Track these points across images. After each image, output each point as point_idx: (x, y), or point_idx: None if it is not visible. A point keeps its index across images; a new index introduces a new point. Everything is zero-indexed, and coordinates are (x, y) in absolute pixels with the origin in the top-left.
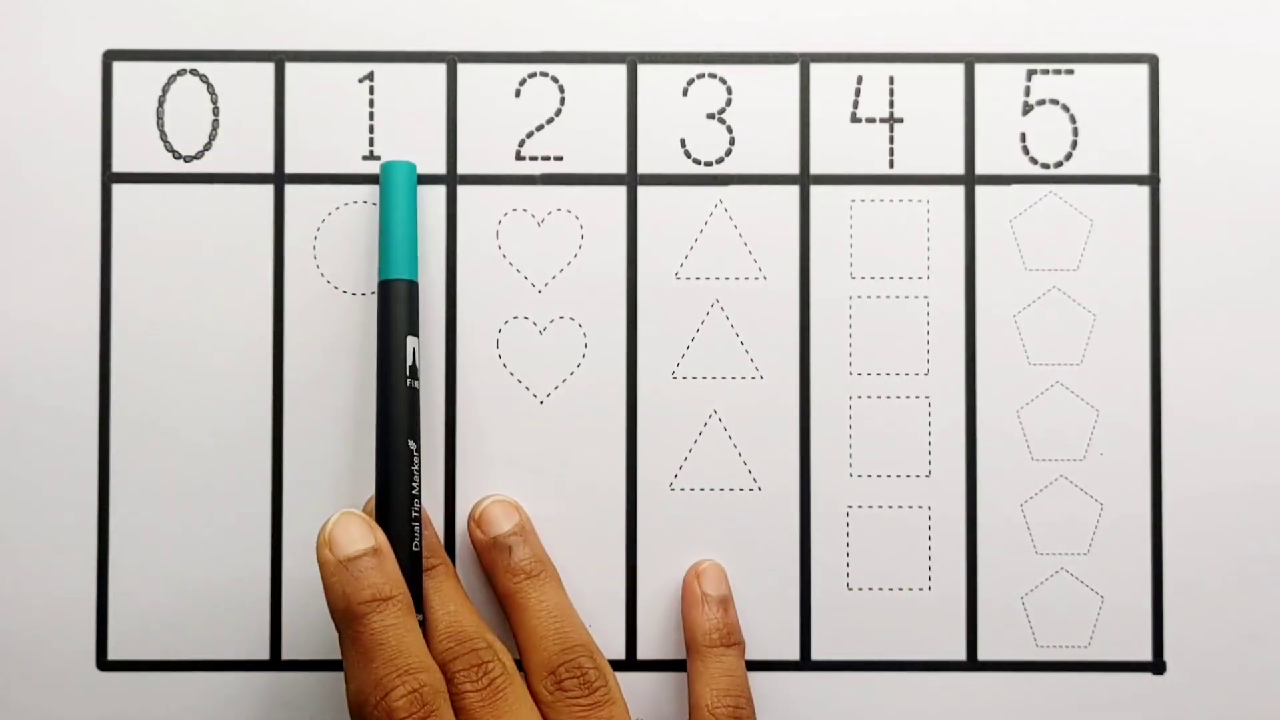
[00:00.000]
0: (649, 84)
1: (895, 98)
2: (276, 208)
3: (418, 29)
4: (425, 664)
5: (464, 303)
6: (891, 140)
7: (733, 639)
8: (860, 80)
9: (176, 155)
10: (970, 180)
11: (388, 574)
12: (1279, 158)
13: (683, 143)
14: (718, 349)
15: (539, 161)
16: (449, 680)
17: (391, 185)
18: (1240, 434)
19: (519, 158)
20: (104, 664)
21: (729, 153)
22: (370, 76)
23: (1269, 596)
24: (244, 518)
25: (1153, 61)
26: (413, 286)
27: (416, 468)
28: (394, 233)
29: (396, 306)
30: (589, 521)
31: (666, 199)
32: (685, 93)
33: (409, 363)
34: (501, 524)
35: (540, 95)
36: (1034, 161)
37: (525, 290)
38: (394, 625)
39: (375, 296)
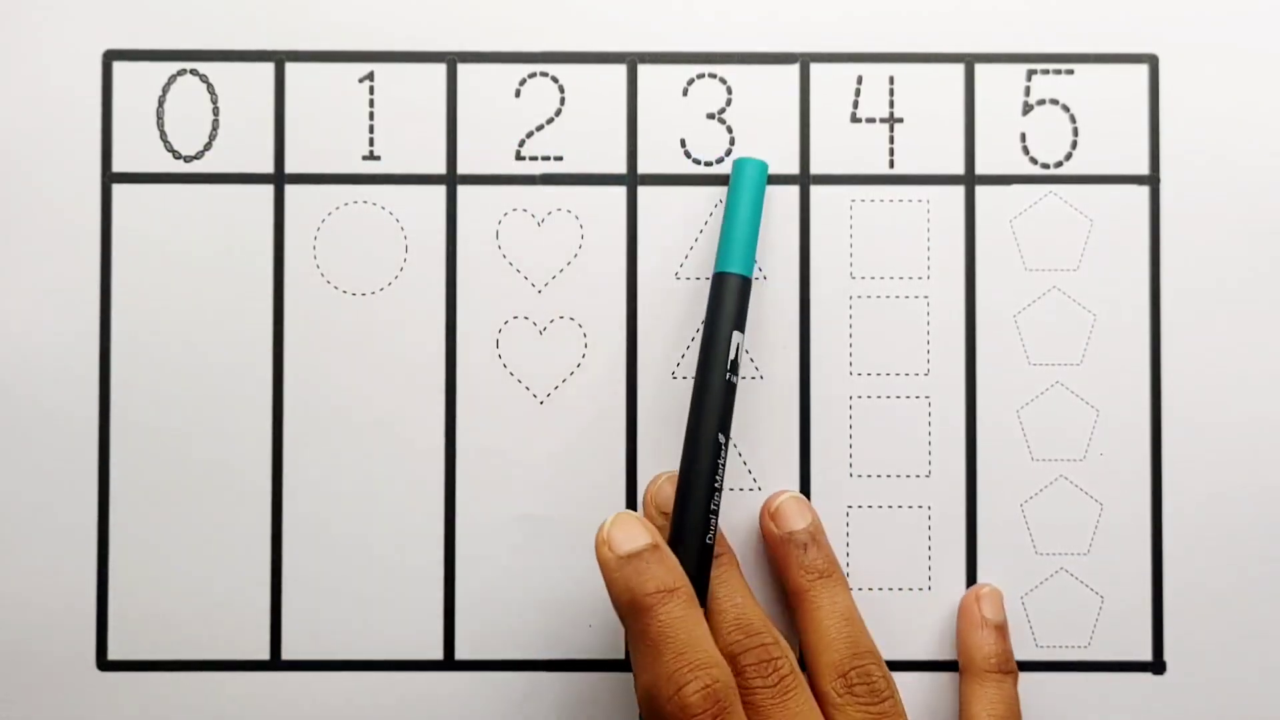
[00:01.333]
0: (649, 84)
1: (895, 98)
2: (276, 208)
3: (418, 29)
4: (715, 659)
5: (464, 303)
6: (891, 140)
7: (1009, 666)
8: (860, 80)
9: (176, 155)
10: (970, 180)
11: (670, 567)
12: (1279, 158)
13: (683, 143)
14: None
15: (539, 161)
16: (736, 674)
17: (741, 181)
18: (1240, 434)
19: (519, 158)
20: (104, 664)
21: (729, 153)
22: (370, 76)
23: (1269, 597)
24: (244, 518)
25: (1153, 61)
26: (746, 283)
27: (723, 461)
28: (737, 227)
29: (728, 299)
30: (589, 521)
31: (666, 199)
32: (685, 93)
33: (731, 356)
34: (796, 520)
35: (540, 95)
36: (1034, 161)
37: (525, 290)
38: (681, 617)
39: (384, 295)
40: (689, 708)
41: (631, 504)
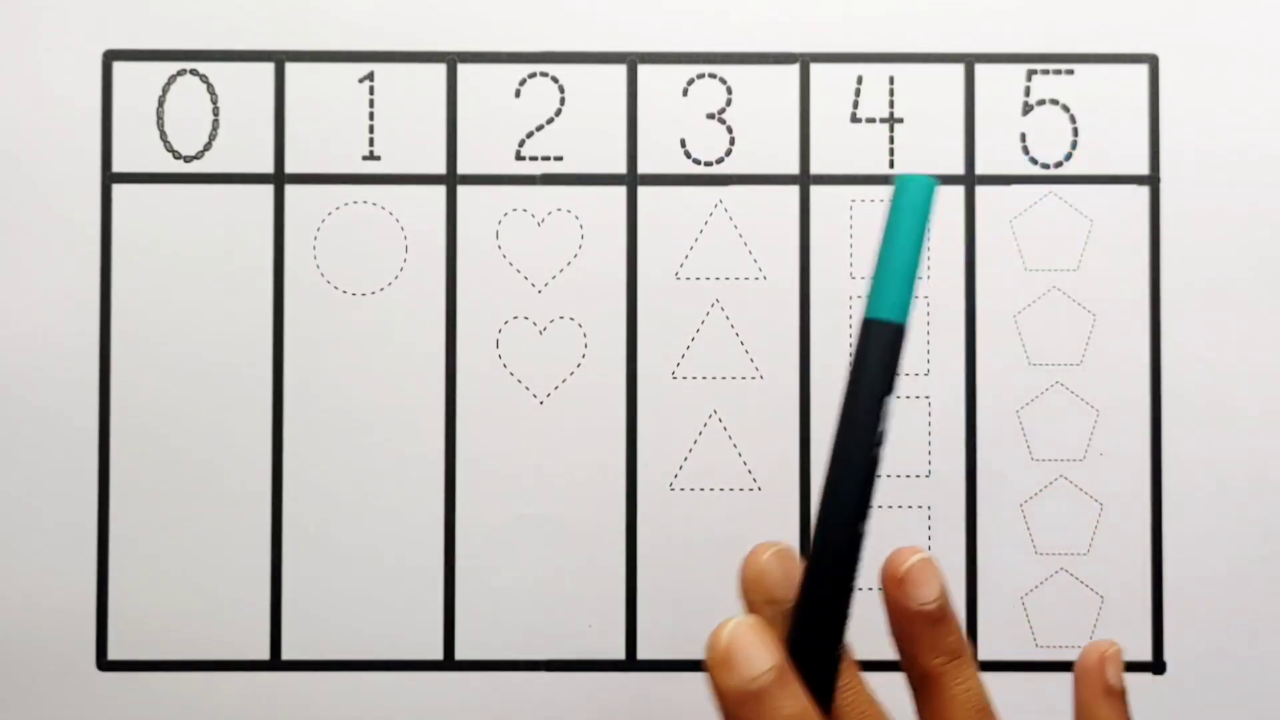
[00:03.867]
0: (649, 84)
1: (895, 98)
2: (276, 208)
3: (418, 29)
4: None
5: (464, 303)
6: (891, 140)
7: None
8: (860, 80)
9: (176, 155)
10: (970, 180)
11: (796, 697)
12: (1278, 158)
13: (683, 143)
14: (718, 349)
15: (539, 161)
16: None
17: (903, 204)
18: (1240, 434)
19: (519, 158)
20: (104, 664)
21: (729, 153)
22: (370, 76)
23: (1269, 596)
24: (244, 518)
25: (1153, 61)
26: (899, 333)
27: (860, 554)
28: (894, 262)
29: (874, 354)
30: (589, 521)
31: (666, 199)
32: (685, 93)
33: (880, 427)
34: (928, 590)
35: (540, 95)
36: (1034, 161)
37: (525, 290)
38: None
39: (384, 295)
40: None
41: (632, 503)
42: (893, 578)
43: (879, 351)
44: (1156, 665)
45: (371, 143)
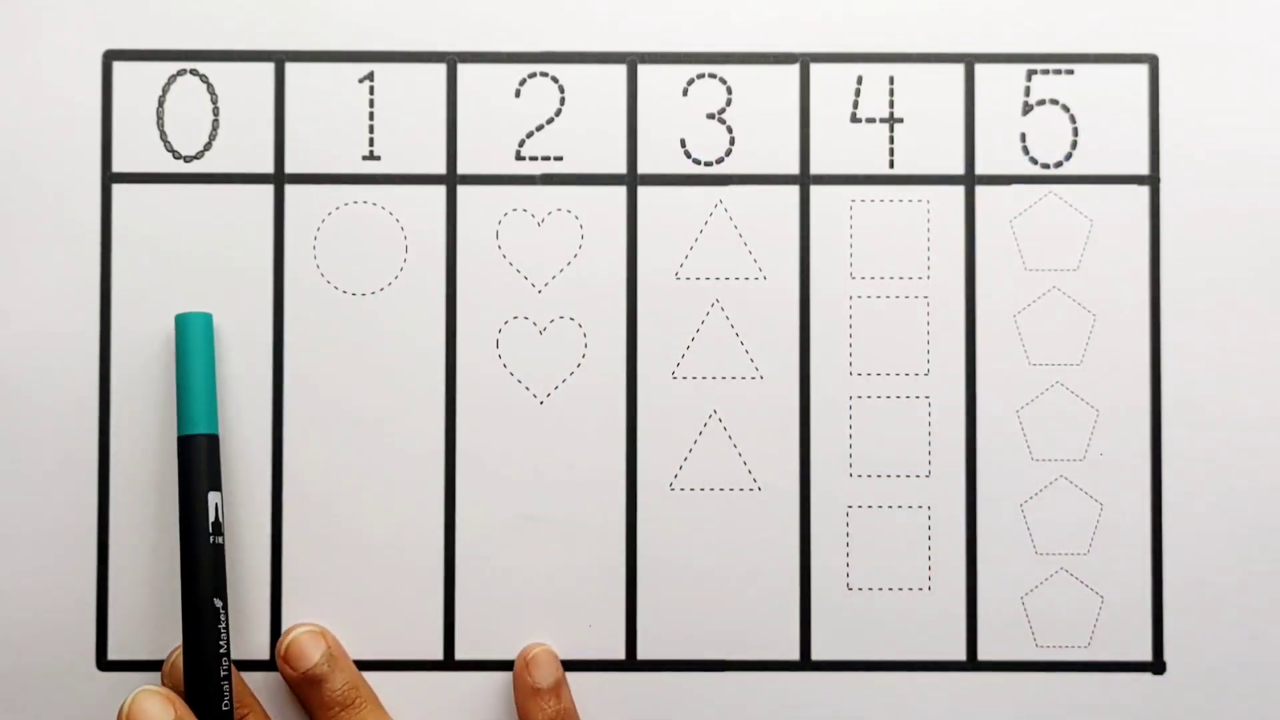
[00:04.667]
0: (649, 84)
1: (895, 98)
2: (276, 208)
3: (418, 29)
4: None
5: (464, 303)
6: (891, 140)
7: None
8: (860, 80)
9: (176, 155)
10: (970, 180)
11: None
12: (1278, 158)
13: (683, 143)
14: (718, 349)
15: (539, 161)
16: None
17: (186, 339)
18: (1240, 434)
19: (519, 158)
20: (104, 664)
21: (729, 153)
22: (370, 76)
23: (1269, 596)
24: (244, 517)
25: (1153, 61)
26: (213, 441)
27: (224, 625)
28: (194, 387)
29: (198, 462)
30: (589, 521)
31: (666, 199)
32: (685, 93)
33: (212, 518)
34: (310, 655)
35: (540, 95)
36: (1034, 161)
37: (525, 290)
38: None
39: (384, 295)
40: None
41: (632, 503)
42: (279, 654)
43: (198, 459)
44: (1156, 665)
45: (371, 143)
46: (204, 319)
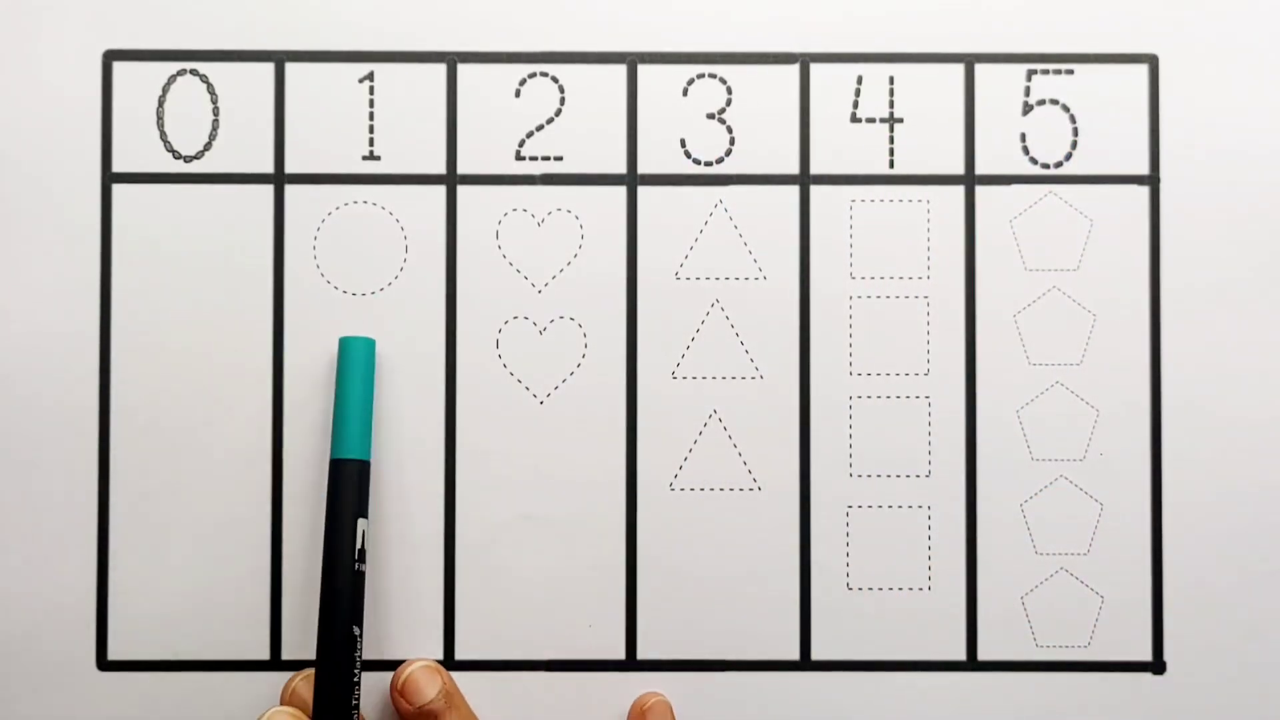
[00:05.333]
0: (649, 84)
1: (895, 98)
2: (276, 208)
3: (418, 29)
4: None
5: (464, 303)
6: (891, 140)
7: None
8: (860, 80)
9: (176, 155)
10: (970, 180)
11: None
12: (1278, 158)
13: (683, 143)
14: (718, 349)
15: (539, 161)
16: None
17: (348, 362)
18: (1240, 434)
19: (519, 158)
20: (104, 664)
21: (729, 153)
22: (370, 76)
23: (1269, 596)
24: (244, 517)
25: (1153, 61)
26: (364, 467)
27: (359, 653)
28: (349, 411)
29: (347, 488)
30: (589, 521)
31: (666, 199)
32: (685, 93)
33: (358, 545)
34: (426, 692)
35: (540, 95)
36: (1034, 161)
37: (525, 290)
38: None
39: (384, 295)
40: None
41: (632, 503)
42: (395, 687)
43: (350, 485)
44: (1156, 665)
45: (371, 143)
46: (367, 344)
